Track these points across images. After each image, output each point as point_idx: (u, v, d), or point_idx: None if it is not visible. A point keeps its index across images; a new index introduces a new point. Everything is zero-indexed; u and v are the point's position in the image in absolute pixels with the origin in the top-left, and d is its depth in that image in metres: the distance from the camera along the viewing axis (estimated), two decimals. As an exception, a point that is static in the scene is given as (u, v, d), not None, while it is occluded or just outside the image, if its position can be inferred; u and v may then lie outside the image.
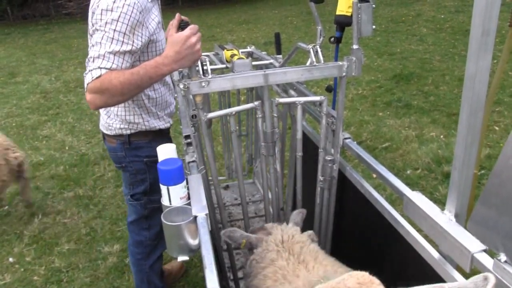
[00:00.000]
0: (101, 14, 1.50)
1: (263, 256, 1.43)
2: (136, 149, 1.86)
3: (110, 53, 1.49)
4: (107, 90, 1.47)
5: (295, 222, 1.64)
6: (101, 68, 1.48)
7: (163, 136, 1.93)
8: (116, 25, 1.49)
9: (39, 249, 3.00)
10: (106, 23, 1.49)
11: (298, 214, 1.68)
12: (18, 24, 13.81)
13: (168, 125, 1.94)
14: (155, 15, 1.67)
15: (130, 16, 1.50)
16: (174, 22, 1.53)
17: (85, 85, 1.50)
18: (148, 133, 1.86)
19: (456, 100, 4.73)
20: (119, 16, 1.49)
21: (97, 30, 1.52)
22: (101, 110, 1.88)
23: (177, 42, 1.46)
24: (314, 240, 1.53)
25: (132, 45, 1.53)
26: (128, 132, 1.83)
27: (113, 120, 1.83)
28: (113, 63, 1.49)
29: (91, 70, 1.49)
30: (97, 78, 1.47)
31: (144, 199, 1.96)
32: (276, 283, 1.29)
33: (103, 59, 1.48)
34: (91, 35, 1.58)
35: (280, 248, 1.43)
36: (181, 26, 1.50)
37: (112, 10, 1.49)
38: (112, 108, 1.81)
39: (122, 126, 1.82)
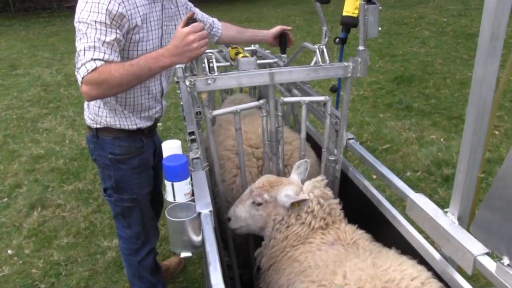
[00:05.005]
0: (82, 8, 1.53)
1: None
2: (101, 144, 1.87)
3: (98, 42, 1.50)
4: (106, 82, 1.48)
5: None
6: (94, 59, 1.48)
7: (131, 136, 1.87)
8: (97, 16, 1.51)
9: (38, 242, 3.00)
10: (88, 14, 1.51)
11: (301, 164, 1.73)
12: (20, 16, 13.75)
13: (134, 127, 1.84)
14: (145, 12, 1.66)
15: (108, 6, 1.52)
16: (184, 19, 1.54)
17: (80, 78, 1.51)
18: (112, 130, 1.84)
19: (457, 103, 4.75)
20: (99, 7, 1.51)
21: (80, 22, 1.53)
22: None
23: (178, 37, 1.49)
24: None
25: (116, 33, 1.55)
26: (96, 126, 1.84)
27: (87, 112, 1.86)
28: (105, 53, 1.50)
29: (84, 64, 1.49)
30: (93, 70, 1.47)
31: (115, 196, 1.93)
32: None
33: (94, 50, 1.49)
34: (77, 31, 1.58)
35: None
36: (188, 23, 1.51)
37: (92, 2, 1.52)
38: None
39: (92, 118, 1.84)
